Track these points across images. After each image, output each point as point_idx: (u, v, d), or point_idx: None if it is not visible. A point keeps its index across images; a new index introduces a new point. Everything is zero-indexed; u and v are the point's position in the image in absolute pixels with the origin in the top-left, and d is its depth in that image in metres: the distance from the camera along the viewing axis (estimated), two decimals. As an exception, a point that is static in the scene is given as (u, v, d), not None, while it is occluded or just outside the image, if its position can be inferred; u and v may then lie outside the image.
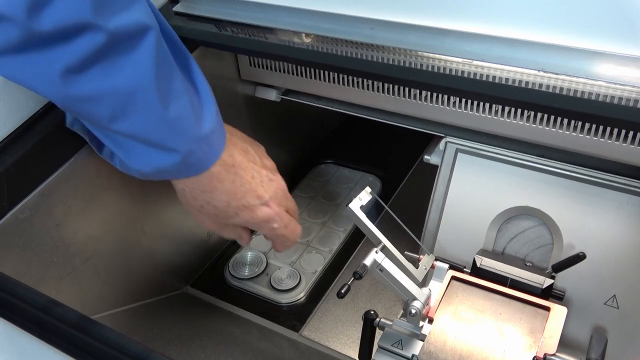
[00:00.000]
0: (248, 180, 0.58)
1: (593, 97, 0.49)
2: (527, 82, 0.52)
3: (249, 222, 0.61)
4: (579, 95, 0.50)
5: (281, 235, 0.64)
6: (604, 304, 0.60)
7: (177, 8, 0.70)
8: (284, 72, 0.74)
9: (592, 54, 0.50)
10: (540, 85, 0.51)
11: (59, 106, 0.50)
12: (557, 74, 0.51)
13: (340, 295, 0.54)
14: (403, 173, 0.96)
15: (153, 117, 0.49)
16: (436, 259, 0.63)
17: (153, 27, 0.47)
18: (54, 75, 0.44)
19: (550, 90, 0.50)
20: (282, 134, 0.93)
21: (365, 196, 0.59)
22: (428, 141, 0.71)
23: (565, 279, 0.61)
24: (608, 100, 0.49)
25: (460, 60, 0.55)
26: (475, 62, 0.54)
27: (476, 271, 0.62)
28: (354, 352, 0.69)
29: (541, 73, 0.52)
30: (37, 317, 0.39)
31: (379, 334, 0.58)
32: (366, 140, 1.04)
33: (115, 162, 0.58)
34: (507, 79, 0.53)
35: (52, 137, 0.58)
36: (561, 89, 0.51)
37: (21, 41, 0.43)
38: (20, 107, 0.57)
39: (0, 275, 0.45)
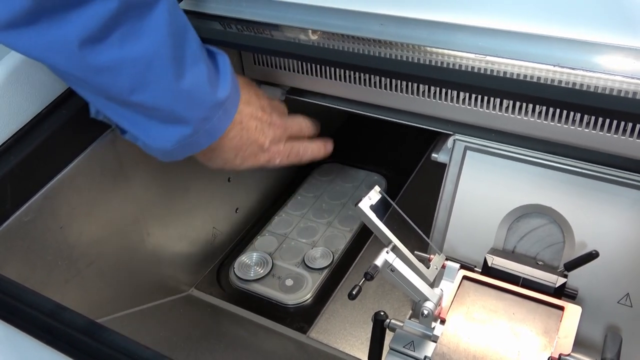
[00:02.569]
0: (252, 132, 0.62)
1: (607, 92, 0.48)
2: (539, 78, 0.51)
3: (254, 166, 0.65)
4: (592, 89, 0.49)
5: (287, 163, 0.68)
6: (618, 302, 0.59)
7: (182, 5, 0.69)
8: (289, 70, 0.73)
9: (609, 48, 0.49)
10: (553, 80, 0.50)
11: (76, 80, 0.49)
12: (573, 69, 0.50)
13: (352, 297, 0.53)
14: (408, 172, 0.95)
15: (170, 87, 0.50)
16: (447, 259, 0.62)
17: None
18: (72, 45, 0.44)
19: (564, 85, 0.49)
20: (286, 134, 0.92)
21: (374, 195, 0.58)
22: (433, 139, 0.71)
23: (577, 278, 0.60)
24: (624, 94, 0.48)
25: (472, 56, 0.54)
26: (488, 58, 0.53)
27: (487, 271, 0.61)
28: (362, 353, 0.68)
29: (557, 68, 0.51)
30: (45, 323, 0.38)
31: (388, 335, 0.57)
32: (371, 139, 1.03)
33: (140, 143, 0.58)
34: (519, 75, 0.52)
35: (55, 139, 0.57)
36: (574, 84, 0.50)
37: (33, 7, 0.42)
38: (23, 109, 0.57)
39: (5, 279, 0.44)
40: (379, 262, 0.53)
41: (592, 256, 0.56)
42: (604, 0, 0.49)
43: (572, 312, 0.56)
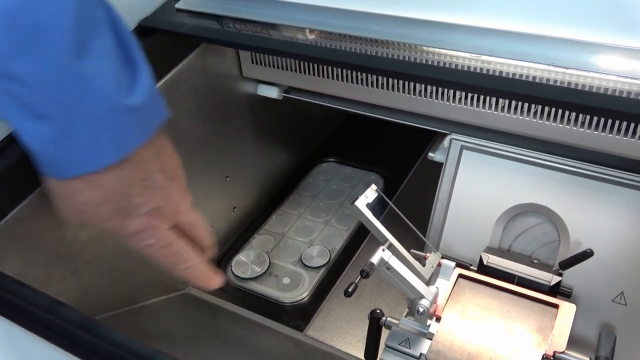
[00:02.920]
0: (136, 181, 0.46)
1: (602, 91, 0.49)
2: (534, 77, 0.52)
3: (117, 232, 0.48)
4: (587, 89, 0.49)
5: (159, 256, 0.50)
6: (612, 301, 0.60)
7: (179, 5, 0.69)
8: (286, 69, 0.73)
9: (603, 48, 0.49)
10: (550, 80, 0.51)
11: None
12: (567, 68, 0.50)
13: (348, 294, 0.53)
14: (405, 171, 0.96)
15: (58, 63, 0.40)
16: (443, 257, 0.62)
17: None
18: None
19: (559, 84, 0.50)
20: (283, 133, 0.93)
21: (371, 194, 0.58)
22: (430, 139, 0.71)
23: (572, 276, 0.60)
24: (618, 94, 0.48)
25: (468, 55, 0.54)
26: (483, 57, 0.54)
27: (483, 269, 0.62)
28: (359, 351, 0.68)
29: (551, 67, 0.51)
30: (43, 318, 0.39)
31: (384, 333, 0.58)
32: (368, 138, 1.04)
33: (35, 160, 0.47)
34: (515, 74, 0.52)
35: (53, 136, 0.57)
36: (569, 83, 0.51)
37: None
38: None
39: (4, 276, 0.45)
40: (375, 259, 0.53)
41: (586, 255, 0.57)
42: (598, 1, 0.50)
43: (567, 310, 0.56)
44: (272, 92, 0.80)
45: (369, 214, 0.56)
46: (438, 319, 0.56)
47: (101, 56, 0.42)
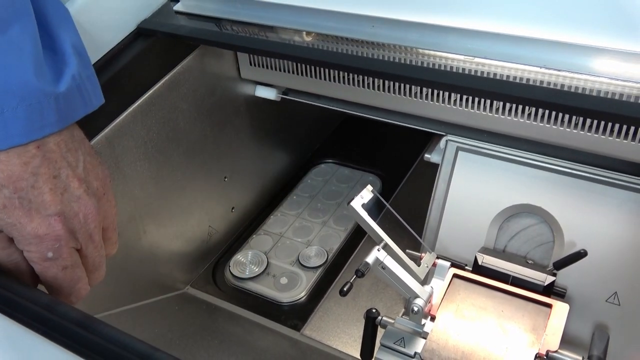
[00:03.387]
0: (44, 174, 0.42)
1: (594, 94, 0.49)
2: (528, 79, 0.52)
3: (14, 232, 0.43)
4: (580, 91, 0.50)
5: (55, 276, 0.45)
6: (606, 301, 0.60)
7: (178, 7, 0.70)
8: (284, 71, 0.74)
9: (595, 51, 0.50)
10: (542, 82, 0.51)
11: None
12: (559, 70, 0.51)
13: (343, 293, 0.54)
14: (403, 172, 0.96)
15: None
16: (438, 257, 0.63)
17: None
18: None
19: (552, 86, 0.51)
20: (282, 134, 0.93)
21: (366, 194, 0.59)
22: (428, 140, 0.71)
23: (566, 277, 0.61)
24: (610, 96, 0.49)
25: (462, 57, 0.55)
26: (477, 60, 0.54)
27: (478, 269, 0.62)
28: (355, 350, 0.69)
29: (543, 70, 0.52)
30: (41, 315, 0.39)
31: (380, 332, 0.58)
32: (366, 139, 1.04)
33: None
34: (508, 76, 0.53)
35: (53, 136, 0.58)
36: (562, 85, 0.51)
37: None
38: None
39: (2, 273, 0.45)
40: (370, 259, 0.54)
41: (580, 255, 0.57)
42: (589, 5, 0.50)
43: (560, 310, 0.56)
44: (270, 94, 0.81)
45: (364, 214, 0.57)
46: (433, 318, 0.57)
47: (23, 36, 0.41)
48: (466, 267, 0.63)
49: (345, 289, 0.54)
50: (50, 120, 0.42)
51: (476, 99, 0.61)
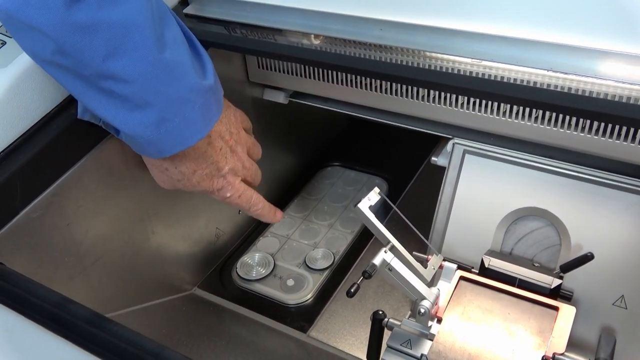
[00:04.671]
0: (216, 152, 0.60)
1: (601, 96, 0.49)
2: (535, 82, 0.53)
3: (206, 189, 0.63)
4: (587, 94, 0.50)
5: (235, 204, 0.66)
6: (613, 304, 0.60)
7: (188, 10, 0.70)
8: (292, 74, 0.74)
9: (601, 54, 0.50)
10: (549, 85, 0.52)
11: (54, 44, 0.46)
12: (566, 73, 0.51)
13: (350, 294, 0.54)
14: (410, 175, 0.96)
15: (149, 57, 0.47)
16: (444, 259, 0.63)
17: None
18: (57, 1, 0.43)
19: (559, 89, 0.51)
20: (289, 136, 0.94)
21: (374, 196, 0.59)
22: (435, 143, 0.72)
23: (573, 280, 0.61)
24: (616, 99, 0.49)
25: (469, 60, 0.55)
26: (484, 63, 0.55)
27: (484, 271, 0.62)
28: (361, 352, 0.69)
29: (550, 73, 0.52)
30: (52, 313, 0.40)
31: (386, 335, 0.58)
32: (373, 142, 1.05)
33: (134, 147, 0.57)
34: (515, 79, 0.53)
35: (63, 138, 0.59)
36: (570, 88, 0.51)
37: None
38: (32, 109, 0.58)
39: (15, 273, 0.46)
40: (377, 261, 0.54)
41: (587, 258, 0.57)
42: (596, 7, 0.50)
43: (567, 313, 0.57)
44: (278, 97, 0.81)
45: (371, 216, 0.57)
46: (439, 320, 0.57)
47: (175, 46, 0.50)
48: (473, 270, 0.63)
49: (352, 290, 0.54)
50: (214, 111, 0.55)
51: (483, 102, 0.62)
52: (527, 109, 0.59)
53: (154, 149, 0.54)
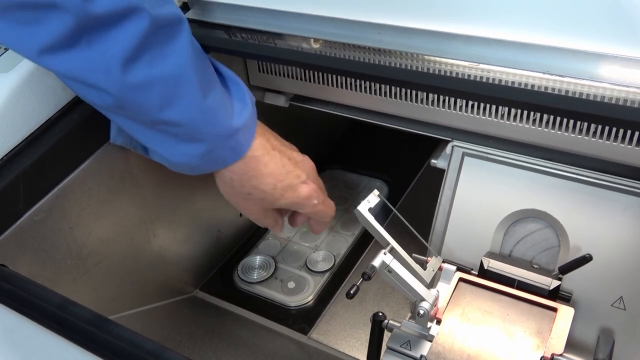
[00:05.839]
0: (286, 161, 0.62)
1: (598, 99, 0.50)
2: (532, 85, 0.53)
3: (294, 201, 0.63)
4: (584, 97, 0.50)
5: (320, 210, 0.67)
6: (611, 305, 0.60)
7: (189, 15, 0.71)
8: (293, 77, 0.75)
9: (597, 56, 0.51)
10: (546, 87, 0.52)
11: (112, 101, 0.51)
12: (562, 76, 0.52)
13: (349, 296, 0.55)
14: (410, 178, 0.97)
15: (196, 103, 0.52)
16: (444, 261, 0.64)
17: (185, 20, 0.52)
18: (111, 65, 0.47)
19: (556, 92, 0.51)
20: (290, 139, 0.93)
21: (373, 199, 0.60)
22: (435, 146, 0.72)
23: (572, 281, 0.61)
24: (613, 101, 0.49)
25: (466, 63, 0.56)
26: (481, 66, 0.55)
27: (483, 273, 0.63)
28: (362, 354, 0.69)
29: (546, 75, 0.52)
30: (54, 315, 0.40)
31: (387, 336, 0.59)
32: (373, 145, 1.05)
33: (165, 162, 0.60)
34: (513, 82, 0.54)
35: (66, 141, 0.59)
36: (567, 91, 0.52)
37: (76, 30, 0.45)
38: (35, 113, 0.59)
39: (18, 275, 0.47)
40: (376, 262, 0.54)
41: (585, 259, 0.57)
42: (591, 11, 0.51)
43: (565, 314, 0.57)
44: (279, 100, 0.82)
45: (370, 218, 0.58)
46: (439, 322, 0.57)
47: (215, 86, 0.55)
48: (472, 271, 0.63)
49: (352, 291, 0.54)
50: (253, 130, 0.59)
51: (481, 105, 0.62)
52: (525, 112, 0.60)
53: (194, 171, 0.59)
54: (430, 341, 0.56)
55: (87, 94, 0.52)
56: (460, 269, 0.63)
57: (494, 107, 0.61)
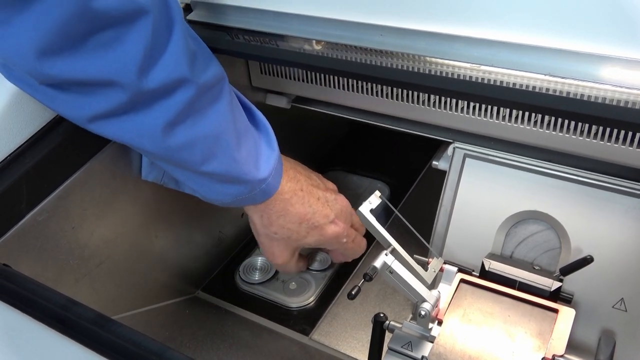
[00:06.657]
0: (314, 201, 0.65)
1: (599, 101, 0.50)
2: (534, 87, 0.53)
3: (320, 240, 0.67)
4: (585, 98, 0.51)
5: (349, 248, 0.71)
6: (612, 307, 0.60)
7: (191, 16, 0.71)
8: (294, 79, 0.75)
9: (599, 58, 0.51)
10: (548, 89, 0.52)
11: (156, 157, 0.56)
12: (564, 78, 0.52)
13: (351, 297, 0.55)
14: (411, 179, 0.97)
15: (232, 156, 0.56)
16: (445, 262, 0.64)
17: (225, 77, 0.56)
18: (156, 130, 0.50)
19: (558, 94, 0.51)
20: (292, 141, 0.94)
21: (375, 200, 0.60)
22: (436, 147, 0.72)
23: (573, 283, 0.61)
24: (615, 103, 0.50)
25: (468, 65, 0.56)
26: (483, 67, 0.55)
27: (485, 274, 0.63)
28: (363, 355, 0.69)
29: (548, 77, 0.53)
30: (58, 314, 0.40)
31: (388, 337, 0.59)
32: (375, 147, 1.05)
33: (197, 196, 0.64)
34: (514, 84, 0.54)
35: (69, 142, 0.59)
36: (568, 93, 0.52)
37: (128, 102, 0.47)
38: (38, 114, 0.59)
39: (22, 276, 0.47)
40: (377, 263, 0.55)
41: (586, 261, 0.58)
42: (593, 13, 0.51)
43: (566, 315, 0.57)
44: (280, 102, 0.82)
45: (372, 219, 0.58)
46: (440, 323, 0.57)
47: (248, 141, 0.59)
48: (473, 273, 0.64)
49: (353, 292, 0.55)
50: (280, 169, 0.62)
51: (483, 107, 0.62)
52: (527, 113, 0.60)
53: (227, 206, 0.62)
54: (432, 342, 0.56)
55: (134, 149, 0.58)
56: (461, 270, 0.63)
57: (495, 108, 0.62)
